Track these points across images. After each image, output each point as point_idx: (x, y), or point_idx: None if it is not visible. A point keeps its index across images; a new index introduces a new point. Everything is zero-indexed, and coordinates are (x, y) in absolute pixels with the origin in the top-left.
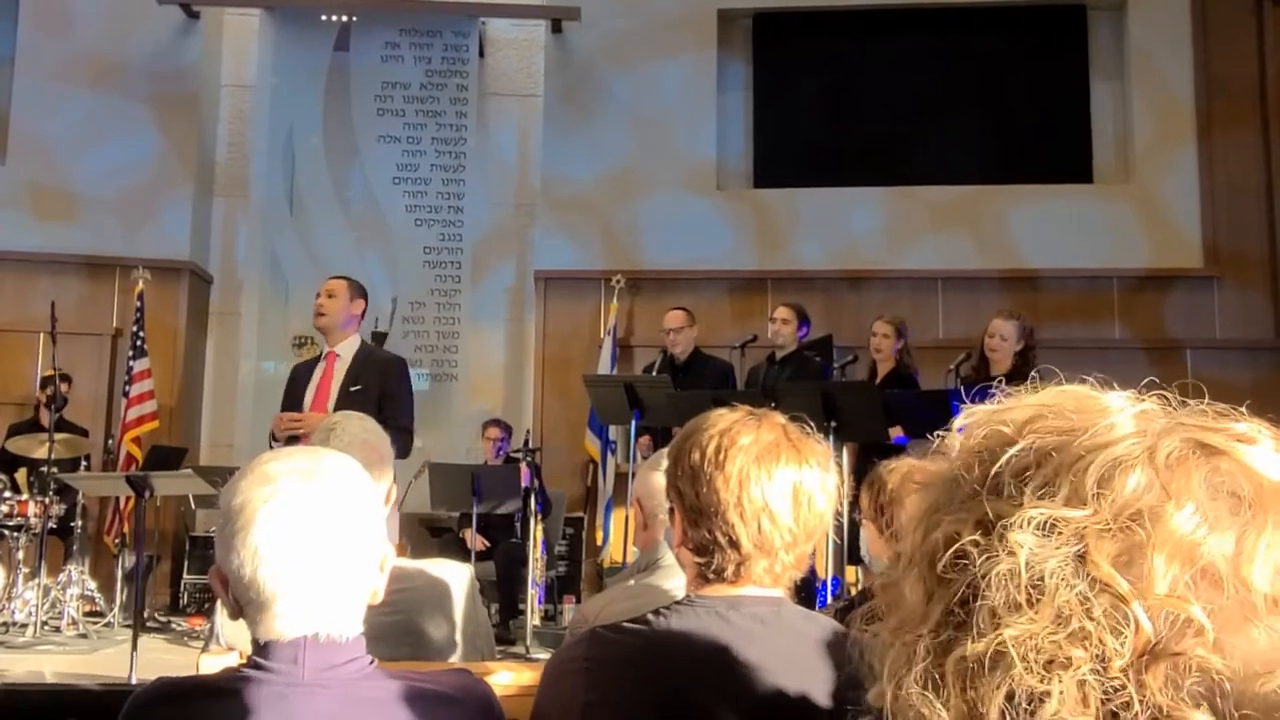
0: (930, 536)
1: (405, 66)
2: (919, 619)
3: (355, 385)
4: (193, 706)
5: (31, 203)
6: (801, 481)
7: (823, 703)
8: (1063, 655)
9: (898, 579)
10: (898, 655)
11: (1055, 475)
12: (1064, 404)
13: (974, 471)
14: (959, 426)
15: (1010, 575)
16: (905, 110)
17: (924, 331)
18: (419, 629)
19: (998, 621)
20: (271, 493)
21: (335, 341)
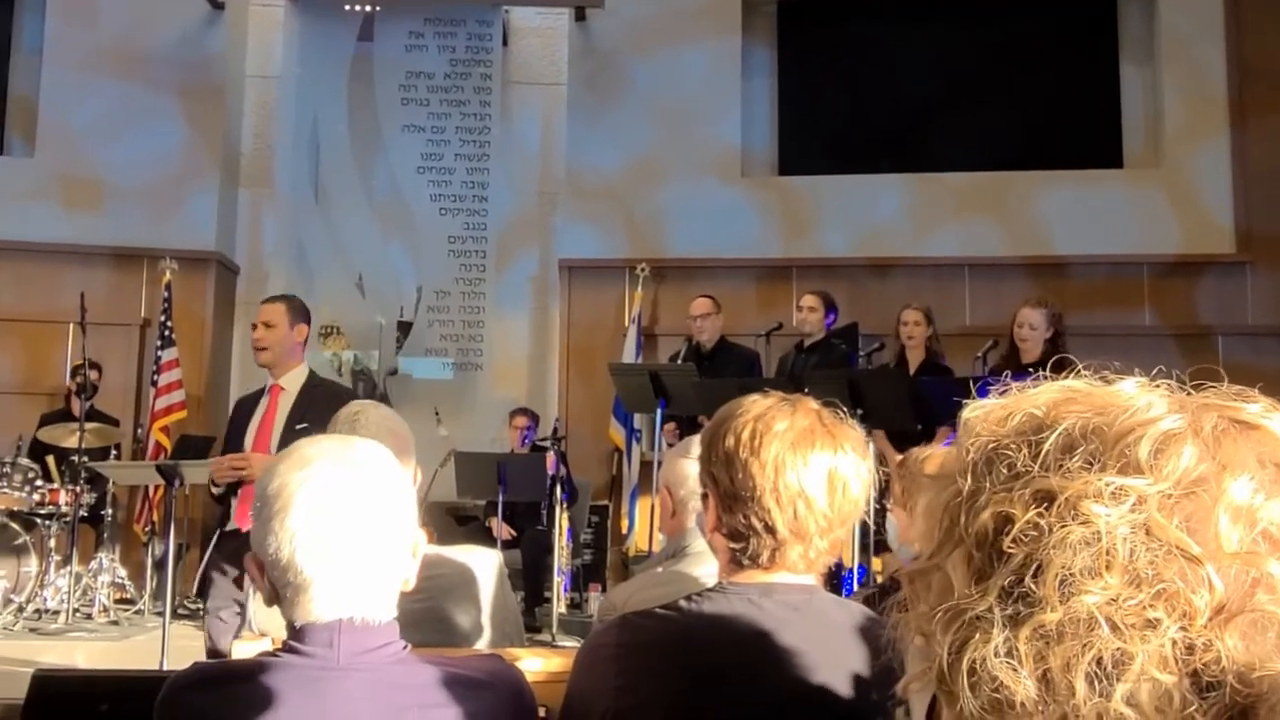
0: (978, 517)
1: (429, 56)
2: (970, 597)
3: (300, 423)
4: (229, 690)
5: (61, 194)
6: (837, 467)
7: (855, 691)
8: (1150, 617)
9: (932, 565)
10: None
11: (1102, 450)
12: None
13: (1021, 452)
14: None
15: (1086, 543)
16: (931, 96)
17: (950, 319)
18: (447, 615)
19: (1073, 589)
20: (308, 477)
21: (280, 373)
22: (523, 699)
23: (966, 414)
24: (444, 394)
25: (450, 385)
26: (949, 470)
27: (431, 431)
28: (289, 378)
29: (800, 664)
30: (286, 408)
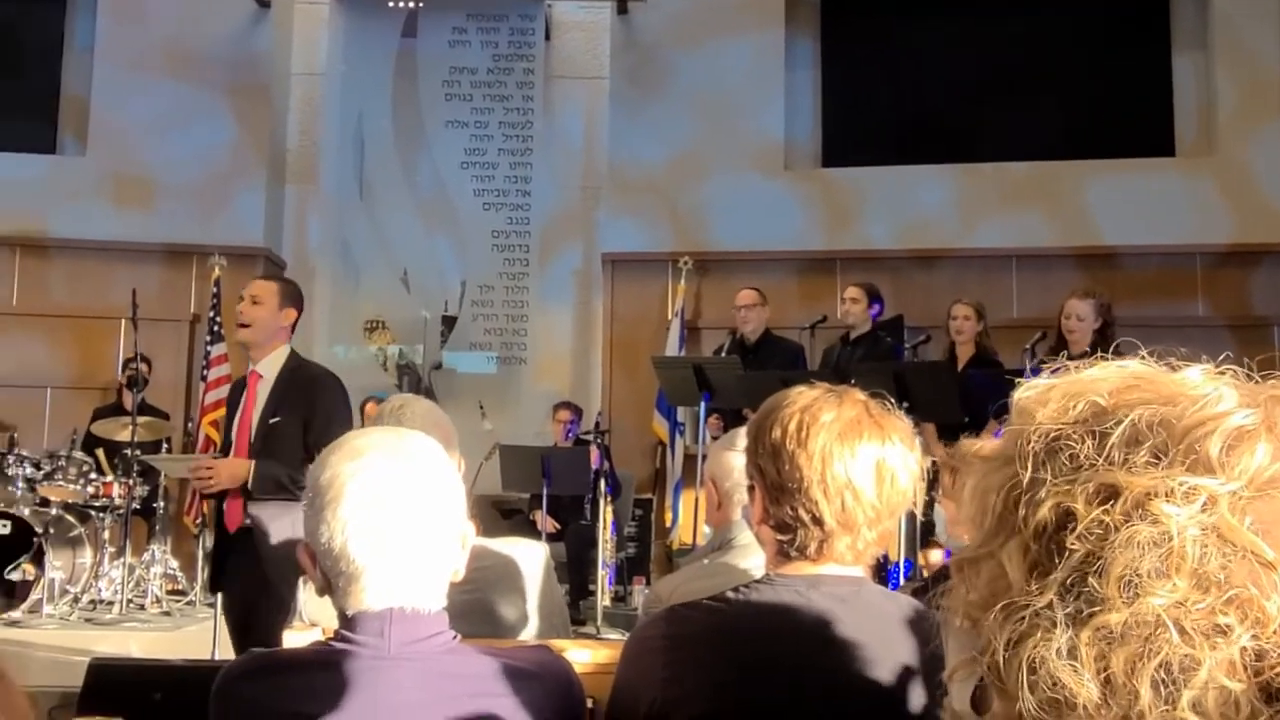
0: (1038, 509)
1: (472, 51)
2: (1026, 592)
3: (274, 417)
4: (283, 678)
5: (112, 192)
6: (885, 458)
7: (904, 683)
8: (1220, 622)
9: (985, 553)
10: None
11: (1169, 444)
12: (1147, 374)
13: (1084, 444)
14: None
15: (1154, 543)
16: (976, 85)
17: (997, 311)
18: (493, 607)
19: (1139, 590)
20: (360, 467)
21: (259, 357)
22: (571, 689)
23: (1018, 395)
24: (488, 388)
25: (494, 379)
26: (1001, 453)
27: (476, 425)
28: (267, 363)
29: (848, 656)
30: (263, 398)
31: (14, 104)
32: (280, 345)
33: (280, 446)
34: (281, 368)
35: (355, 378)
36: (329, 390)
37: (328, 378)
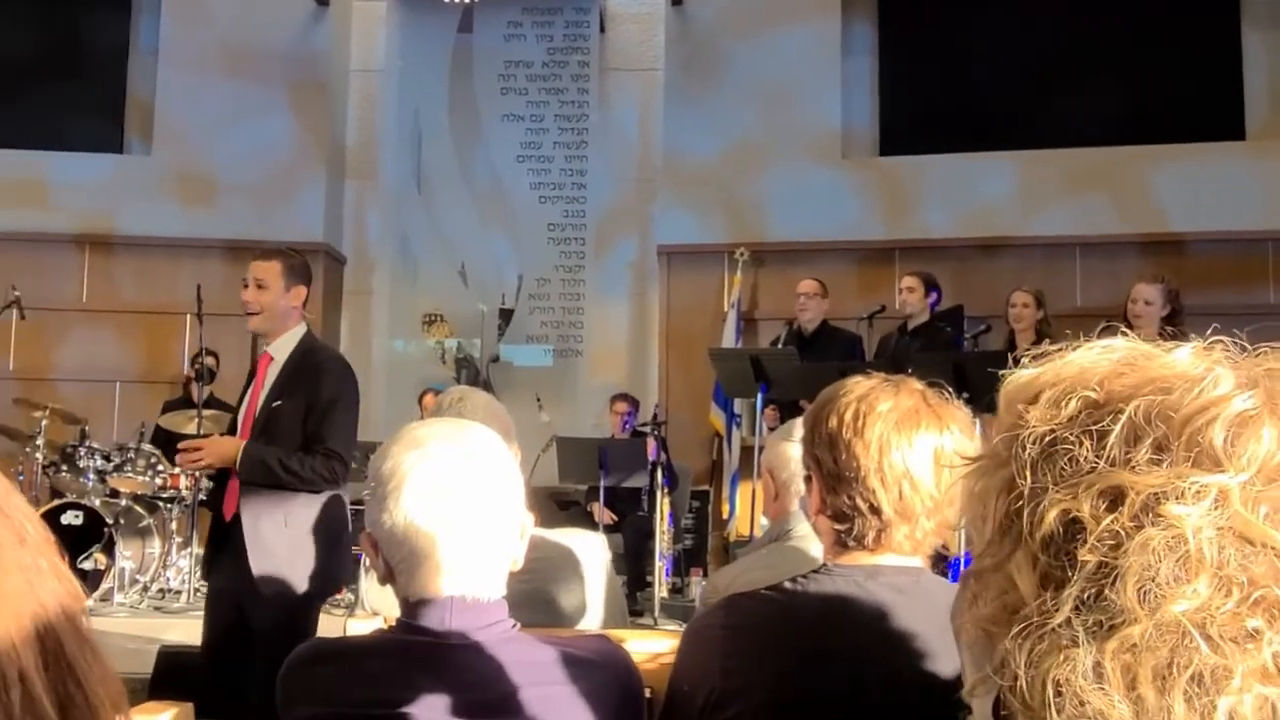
0: (1042, 519)
1: (527, 45)
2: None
3: (276, 400)
4: (347, 664)
5: (177, 190)
6: (943, 446)
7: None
8: (1249, 627)
9: (991, 565)
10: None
11: (1169, 438)
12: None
13: (1082, 446)
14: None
15: (1169, 548)
16: (1038, 70)
17: (1060, 300)
18: (551, 597)
19: (1158, 599)
20: (422, 456)
21: (272, 339)
22: (630, 678)
23: (1003, 388)
24: (545, 380)
25: (551, 372)
26: (993, 454)
27: (533, 417)
28: (279, 344)
29: (907, 646)
30: (271, 381)
31: (83, 106)
32: (294, 326)
33: (278, 431)
34: (293, 350)
35: (414, 370)
36: (333, 375)
37: (334, 362)
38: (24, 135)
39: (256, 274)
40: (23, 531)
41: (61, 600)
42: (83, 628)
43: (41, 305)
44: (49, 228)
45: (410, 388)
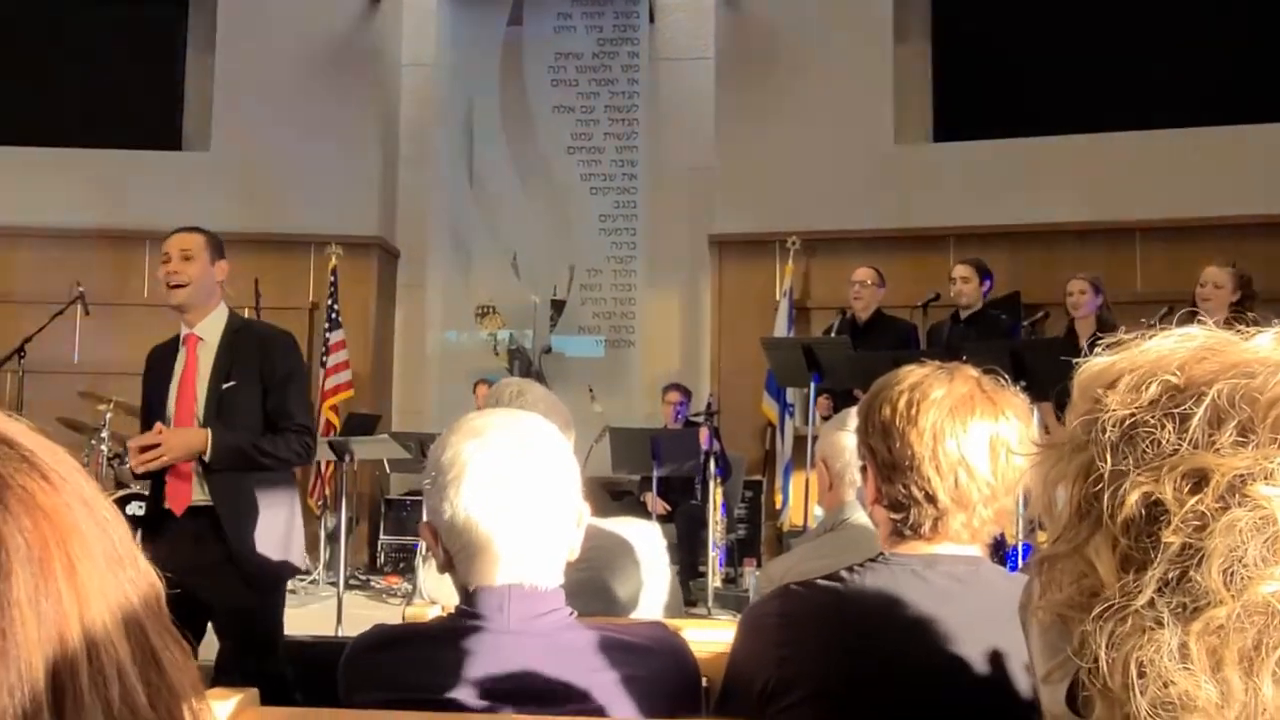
0: (1124, 502)
1: (577, 36)
2: (1124, 588)
3: (227, 382)
4: (408, 650)
5: (234, 186)
6: (999, 434)
7: (1023, 665)
8: None
9: (1067, 550)
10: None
11: (1254, 420)
12: (1215, 343)
13: (1164, 429)
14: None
15: (1256, 529)
16: (1097, 52)
17: (1120, 286)
18: (607, 585)
19: (1245, 580)
20: (481, 446)
21: (196, 319)
22: (686, 666)
23: (1078, 375)
24: (597, 371)
25: (603, 362)
26: (1070, 440)
27: (585, 408)
28: (206, 324)
29: (966, 637)
30: (208, 362)
31: (141, 104)
32: (216, 304)
33: (235, 413)
34: (224, 329)
35: (467, 362)
36: (283, 349)
37: (282, 336)
38: (84, 134)
39: (182, 245)
40: (103, 519)
41: (143, 588)
42: (163, 615)
43: (105, 301)
44: (111, 224)
45: (463, 379)
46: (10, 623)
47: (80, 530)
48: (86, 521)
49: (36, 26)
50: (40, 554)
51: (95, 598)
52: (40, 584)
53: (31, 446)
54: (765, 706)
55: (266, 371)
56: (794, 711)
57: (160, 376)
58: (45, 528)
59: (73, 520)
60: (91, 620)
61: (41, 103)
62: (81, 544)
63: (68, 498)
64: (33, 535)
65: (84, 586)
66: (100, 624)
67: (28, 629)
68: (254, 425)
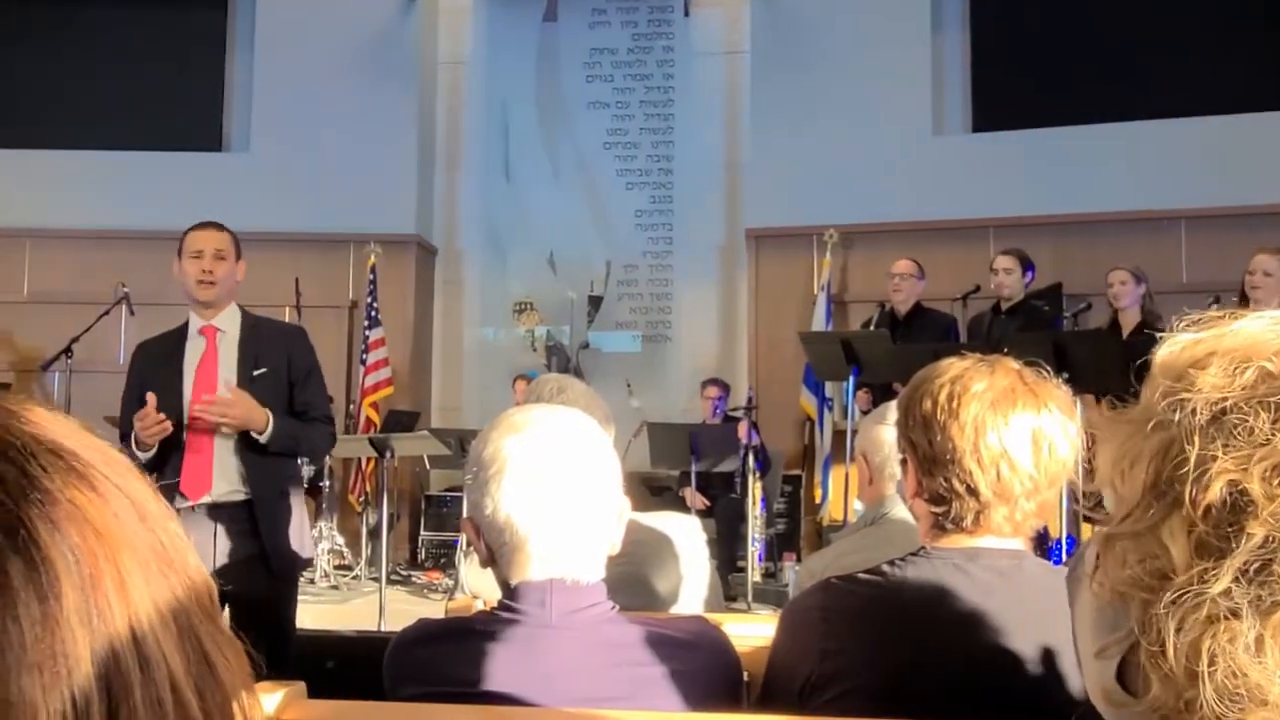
0: (1208, 488)
1: (612, 32)
2: (1201, 574)
3: (257, 369)
4: (451, 644)
5: (274, 185)
6: (1041, 426)
7: (1071, 660)
8: None
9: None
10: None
11: None
12: None
13: (1259, 417)
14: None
15: None
16: (1136, 38)
17: (1164, 276)
18: (647, 579)
19: None
20: (523, 441)
21: (214, 314)
22: (728, 660)
23: (1164, 352)
24: (634, 366)
25: (640, 357)
26: (1150, 417)
27: (623, 403)
28: (223, 318)
29: (1009, 630)
30: (231, 351)
31: (184, 105)
32: (231, 301)
33: (269, 404)
34: (241, 323)
35: (505, 358)
36: (304, 343)
37: (298, 330)
38: (128, 137)
39: (216, 244)
40: (154, 522)
41: (195, 588)
42: (215, 613)
43: (149, 301)
44: (154, 226)
45: (501, 375)
46: (61, 644)
47: (131, 540)
48: (137, 529)
49: (80, 32)
50: (90, 570)
51: (147, 609)
52: (91, 601)
53: (80, 449)
54: (807, 700)
55: (294, 363)
56: (836, 705)
57: (163, 366)
58: (94, 543)
59: (123, 531)
60: (144, 634)
61: (86, 107)
62: (132, 554)
63: (117, 507)
64: (82, 551)
65: (135, 600)
66: (153, 637)
67: (79, 649)
68: (280, 414)
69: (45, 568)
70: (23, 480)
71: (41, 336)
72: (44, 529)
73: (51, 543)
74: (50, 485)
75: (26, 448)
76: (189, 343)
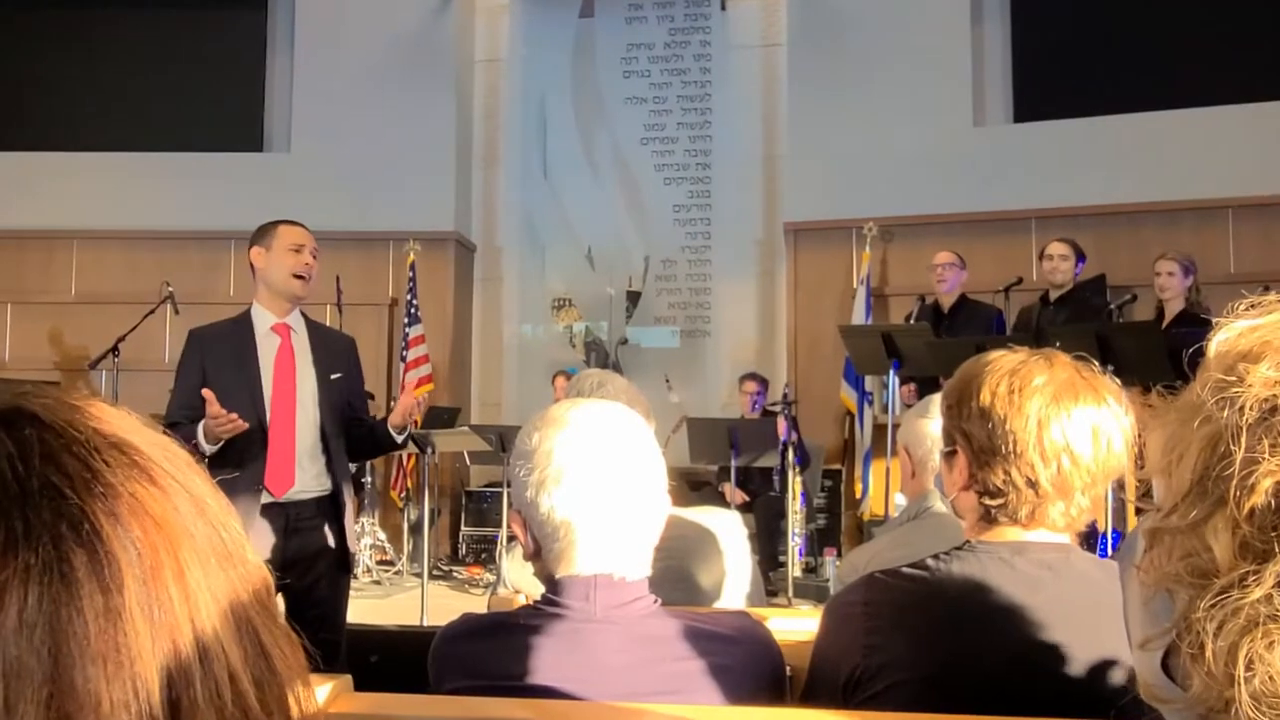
0: (1253, 489)
1: (649, 27)
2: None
3: (334, 373)
4: (496, 638)
5: (314, 185)
6: (1100, 421)
7: (1119, 655)
8: None
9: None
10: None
11: None
12: None
13: None
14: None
15: None
16: (1180, 24)
17: (1211, 266)
18: (690, 574)
19: None
20: (570, 436)
21: (287, 311)
22: (771, 654)
23: (1218, 339)
24: (673, 361)
25: (679, 352)
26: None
27: (662, 398)
28: (293, 316)
29: (1057, 625)
30: (304, 350)
31: (225, 107)
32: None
33: (336, 404)
34: (304, 322)
35: (543, 354)
36: (356, 354)
37: (354, 342)
38: (171, 139)
39: (315, 243)
40: (213, 516)
41: (253, 582)
42: (272, 607)
43: (193, 300)
44: (197, 226)
45: (540, 372)
46: (124, 636)
47: (190, 533)
48: (196, 522)
49: (123, 37)
50: (151, 562)
51: (206, 602)
52: (152, 593)
53: (142, 444)
54: (851, 695)
55: (354, 368)
56: (880, 699)
57: (237, 364)
58: (155, 535)
59: (182, 524)
60: (203, 626)
61: (129, 111)
62: (192, 547)
63: (177, 500)
64: (143, 544)
65: (195, 592)
66: (212, 629)
67: (141, 640)
68: (343, 416)
69: (108, 560)
70: (86, 474)
71: (89, 336)
72: (107, 522)
73: (114, 536)
74: (113, 479)
75: (90, 442)
76: (261, 340)
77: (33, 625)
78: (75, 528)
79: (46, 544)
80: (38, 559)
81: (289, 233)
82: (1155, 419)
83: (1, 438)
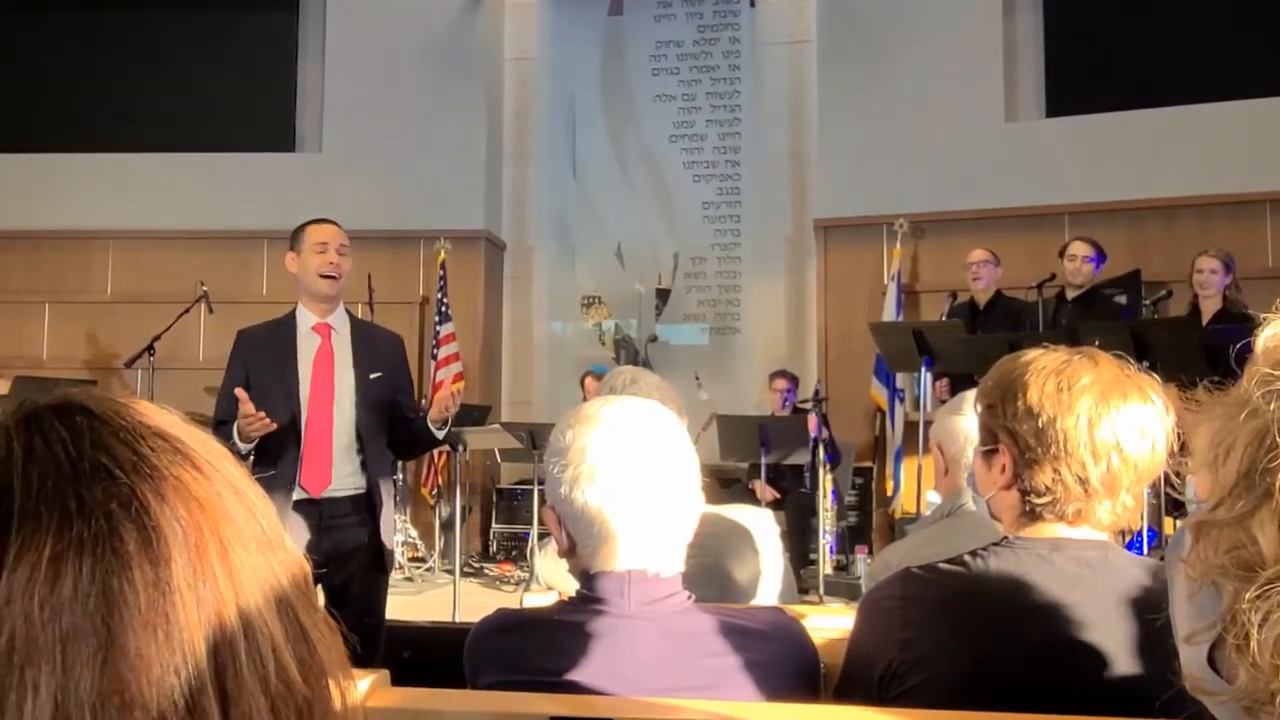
0: None
1: (677, 24)
2: None
3: (374, 372)
4: (531, 634)
5: (346, 184)
6: (1146, 419)
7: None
8: None
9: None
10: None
11: None
12: None
13: None
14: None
15: None
16: (1213, 15)
17: (1249, 261)
18: (724, 571)
19: None
20: (605, 433)
21: (328, 311)
22: (805, 650)
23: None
24: (703, 359)
25: (708, 350)
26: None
27: (692, 396)
28: (336, 316)
29: (1094, 622)
30: (345, 350)
31: (257, 107)
32: (341, 299)
33: (375, 401)
34: (348, 322)
35: (573, 352)
36: (405, 354)
37: (401, 341)
38: (204, 139)
39: (341, 239)
40: (252, 505)
41: (292, 569)
42: (311, 595)
43: (227, 299)
44: (231, 226)
45: (570, 369)
46: (172, 607)
47: (231, 516)
48: (237, 507)
49: (156, 39)
50: (196, 540)
51: (249, 580)
52: (198, 568)
53: (184, 438)
54: (886, 691)
55: (398, 367)
56: (915, 695)
57: (276, 363)
58: (199, 515)
59: (224, 507)
60: (246, 601)
61: (162, 112)
62: (233, 529)
63: (219, 486)
64: (188, 522)
65: (238, 570)
66: (254, 605)
67: (189, 611)
68: (386, 415)
69: (156, 536)
70: (134, 458)
71: (124, 335)
72: (154, 500)
73: (161, 513)
74: (158, 463)
75: (136, 430)
76: (301, 340)
77: (87, 594)
78: (125, 506)
79: (99, 519)
80: (90, 533)
81: (314, 232)
82: (1201, 414)
83: (55, 424)
